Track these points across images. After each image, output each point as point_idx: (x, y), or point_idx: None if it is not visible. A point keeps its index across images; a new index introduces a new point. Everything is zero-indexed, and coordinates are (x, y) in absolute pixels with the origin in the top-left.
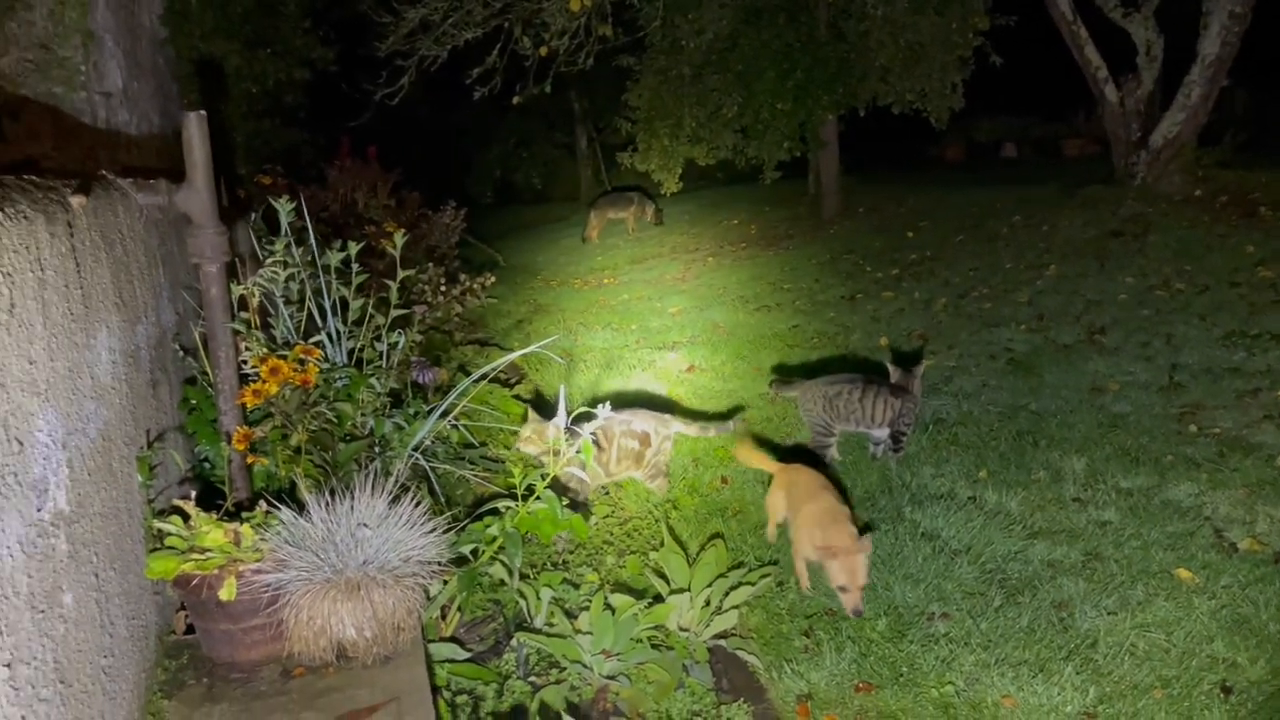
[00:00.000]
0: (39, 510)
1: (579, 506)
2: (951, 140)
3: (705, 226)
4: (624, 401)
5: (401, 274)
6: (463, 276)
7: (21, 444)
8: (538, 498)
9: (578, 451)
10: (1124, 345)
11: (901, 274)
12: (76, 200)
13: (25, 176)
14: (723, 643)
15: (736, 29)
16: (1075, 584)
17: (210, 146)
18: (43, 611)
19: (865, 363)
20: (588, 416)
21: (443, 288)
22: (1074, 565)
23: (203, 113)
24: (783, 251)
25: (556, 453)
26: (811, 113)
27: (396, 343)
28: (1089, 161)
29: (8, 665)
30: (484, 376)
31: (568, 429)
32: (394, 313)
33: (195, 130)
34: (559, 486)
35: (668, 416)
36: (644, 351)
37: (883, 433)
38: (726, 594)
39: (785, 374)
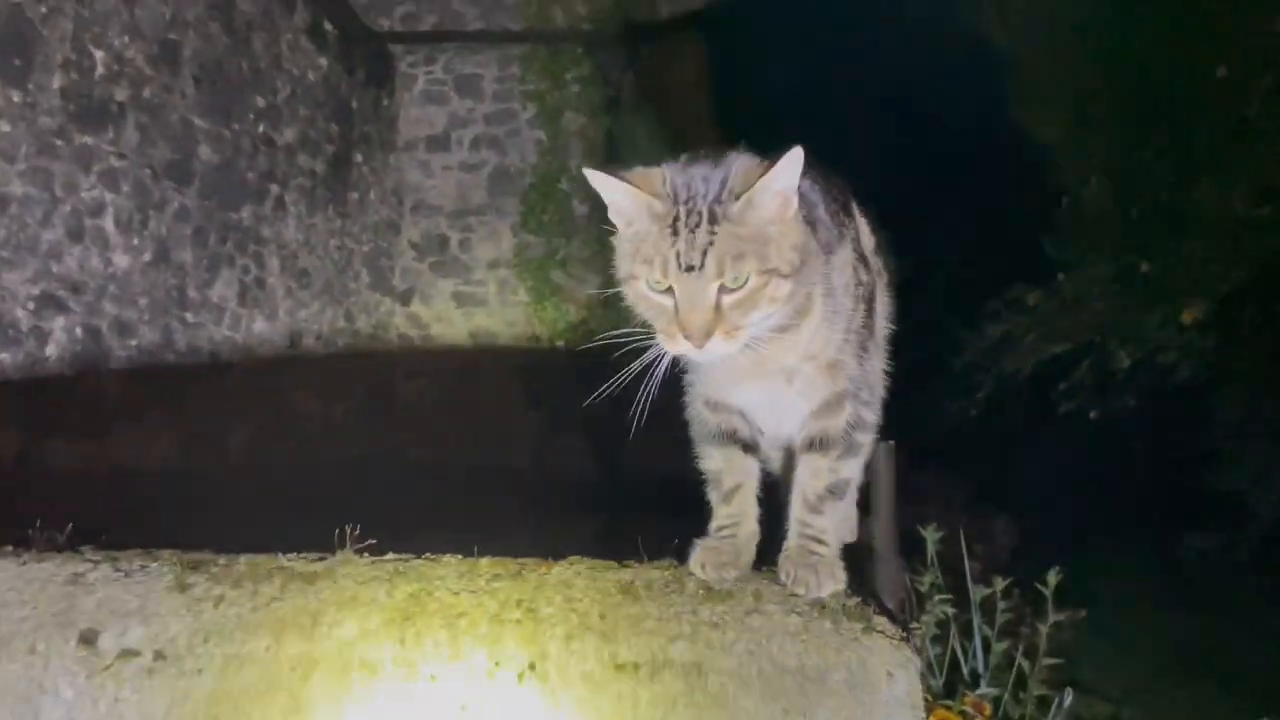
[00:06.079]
0: None
1: None
2: None
3: None
4: None
5: (1054, 616)
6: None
7: None
8: None
9: None
10: None
11: None
12: None
13: None
14: None
15: None
16: None
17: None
18: None
19: None
20: None
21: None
22: None
23: (893, 442)
24: None
25: None
26: None
27: (1063, 703)
28: None
29: None
30: None
31: None
32: (1043, 660)
33: (884, 463)
34: None
35: None
36: None
37: None
38: None
39: None
